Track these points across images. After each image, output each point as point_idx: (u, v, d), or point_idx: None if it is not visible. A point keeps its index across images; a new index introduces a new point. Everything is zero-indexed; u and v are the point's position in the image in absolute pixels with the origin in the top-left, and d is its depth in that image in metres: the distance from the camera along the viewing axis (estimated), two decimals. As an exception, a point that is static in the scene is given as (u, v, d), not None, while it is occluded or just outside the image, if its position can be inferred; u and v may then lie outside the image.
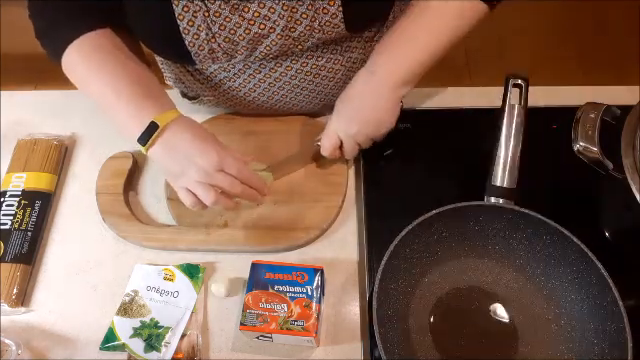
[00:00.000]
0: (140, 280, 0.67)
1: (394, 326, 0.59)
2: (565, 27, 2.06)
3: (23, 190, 0.73)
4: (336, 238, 0.71)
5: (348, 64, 0.72)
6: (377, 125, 0.69)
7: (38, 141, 0.78)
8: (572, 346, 0.60)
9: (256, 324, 0.58)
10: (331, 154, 0.71)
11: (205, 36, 0.62)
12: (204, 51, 0.63)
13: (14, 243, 0.69)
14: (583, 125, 0.64)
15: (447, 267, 0.66)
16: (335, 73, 0.72)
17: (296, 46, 0.65)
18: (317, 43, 0.66)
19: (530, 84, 0.66)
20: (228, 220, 0.71)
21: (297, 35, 0.63)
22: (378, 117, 0.68)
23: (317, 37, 0.64)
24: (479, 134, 0.69)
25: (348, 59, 0.71)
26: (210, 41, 0.62)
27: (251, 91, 0.73)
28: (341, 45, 0.69)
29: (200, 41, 0.62)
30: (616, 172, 0.60)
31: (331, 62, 0.70)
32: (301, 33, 0.63)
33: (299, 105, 0.77)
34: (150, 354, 0.62)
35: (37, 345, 0.64)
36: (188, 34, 0.61)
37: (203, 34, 0.61)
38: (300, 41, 0.64)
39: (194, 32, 0.61)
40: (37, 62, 2.24)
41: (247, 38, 0.63)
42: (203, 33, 0.61)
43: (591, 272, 0.58)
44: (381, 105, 0.67)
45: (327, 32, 0.64)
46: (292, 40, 0.64)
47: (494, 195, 0.63)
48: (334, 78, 0.73)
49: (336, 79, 0.73)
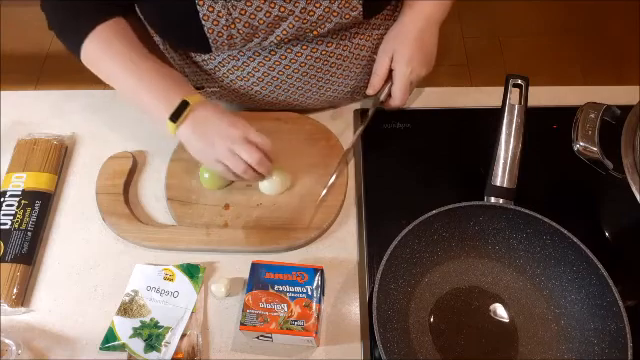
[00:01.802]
0: (140, 280, 0.67)
1: (394, 326, 0.59)
2: (565, 27, 2.06)
3: (23, 190, 0.73)
4: (336, 238, 0.71)
5: (356, 51, 0.73)
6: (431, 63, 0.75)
7: (38, 141, 0.77)
8: (572, 346, 0.60)
9: (256, 324, 0.58)
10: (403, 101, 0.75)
11: (225, 22, 0.62)
12: (222, 37, 0.63)
13: (14, 243, 0.69)
14: (583, 125, 0.64)
15: (447, 267, 0.66)
16: (343, 60, 0.73)
17: (312, 31, 0.65)
18: (333, 29, 0.66)
19: (530, 84, 0.67)
20: (228, 220, 0.71)
21: (315, 19, 0.64)
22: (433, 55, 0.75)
23: (335, 21, 0.65)
24: (479, 134, 0.69)
25: (356, 46, 0.73)
26: (230, 27, 0.62)
27: (259, 80, 0.73)
28: (349, 31, 0.70)
29: (220, 27, 0.62)
30: (616, 172, 0.60)
31: (340, 48, 0.71)
32: (319, 16, 0.64)
33: (305, 96, 0.77)
34: (150, 354, 0.62)
35: (37, 345, 0.64)
36: (208, 20, 0.61)
37: (223, 20, 0.61)
38: (317, 25, 0.65)
39: (214, 18, 0.61)
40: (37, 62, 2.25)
41: (267, 22, 0.63)
42: (223, 19, 0.61)
43: (591, 272, 0.58)
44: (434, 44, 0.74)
45: (345, 15, 0.64)
46: (309, 24, 0.64)
47: (494, 195, 0.63)
48: (342, 66, 0.74)
49: (343, 67, 0.74)
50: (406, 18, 0.73)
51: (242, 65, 0.71)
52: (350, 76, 0.76)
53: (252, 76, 0.72)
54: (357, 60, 0.75)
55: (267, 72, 0.72)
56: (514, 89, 0.66)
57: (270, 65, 0.71)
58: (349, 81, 0.77)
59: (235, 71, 0.72)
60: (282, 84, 0.74)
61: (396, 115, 0.80)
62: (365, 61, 0.76)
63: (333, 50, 0.71)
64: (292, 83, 0.74)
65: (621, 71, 1.86)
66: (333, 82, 0.76)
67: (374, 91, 0.75)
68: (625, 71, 1.85)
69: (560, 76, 1.85)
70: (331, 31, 0.68)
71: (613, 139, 0.61)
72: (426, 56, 0.73)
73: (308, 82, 0.74)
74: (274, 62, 0.70)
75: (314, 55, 0.70)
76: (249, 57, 0.70)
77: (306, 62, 0.71)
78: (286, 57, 0.70)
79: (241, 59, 0.70)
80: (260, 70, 0.71)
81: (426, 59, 0.73)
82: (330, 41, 0.70)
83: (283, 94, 0.76)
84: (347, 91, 0.79)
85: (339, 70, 0.74)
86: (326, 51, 0.70)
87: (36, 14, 0.69)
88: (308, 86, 0.75)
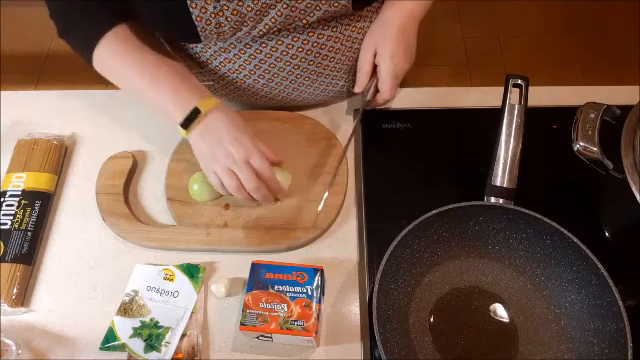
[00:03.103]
0: (140, 280, 0.67)
1: (394, 326, 0.59)
2: (565, 27, 2.06)
3: (23, 190, 0.73)
4: (336, 238, 0.71)
5: (348, 43, 0.74)
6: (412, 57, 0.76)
7: (38, 141, 0.77)
8: (572, 346, 0.60)
9: (256, 324, 0.58)
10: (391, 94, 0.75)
11: (213, 9, 0.62)
12: (211, 25, 0.63)
13: (14, 243, 0.69)
14: (583, 125, 0.64)
15: (447, 267, 0.66)
16: (335, 53, 0.73)
17: (301, 19, 0.65)
18: (322, 17, 0.66)
19: (530, 84, 0.67)
20: (228, 220, 0.71)
21: (303, 7, 0.64)
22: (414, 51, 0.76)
23: (323, 9, 0.65)
24: (479, 134, 0.69)
25: (348, 38, 0.73)
26: (218, 14, 0.62)
27: (251, 73, 0.73)
28: (341, 23, 0.71)
29: (207, 15, 0.62)
30: (616, 172, 0.60)
31: (332, 40, 0.71)
32: (308, 4, 0.64)
33: (299, 90, 0.77)
34: (150, 354, 0.62)
35: (37, 345, 0.65)
36: (196, 8, 0.61)
37: (211, 7, 0.61)
38: (306, 13, 0.65)
39: (202, 5, 0.61)
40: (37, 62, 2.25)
41: (255, 9, 0.63)
42: (211, 6, 0.61)
43: (591, 272, 0.58)
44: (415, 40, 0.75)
45: (333, 3, 0.64)
46: (298, 12, 0.64)
47: (494, 195, 0.63)
48: (334, 58, 0.74)
49: (336, 59, 0.74)
50: (387, 13, 0.74)
51: (234, 57, 0.71)
52: (343, 69, 0.77)
53: (244, 69, 0.73)
54: (349, 53, 0.75)
55: (259, 65, 0.72)
56: (514, 89, 0.66)
57: (262, 58, 0.71)
58: (342, 74, 0.77)
59: (227, 64, 0.72)
60: (274, 77, 0.74)
61: (396, 115, 0.81)
62: (357, 54, 0.76)
63: (325, 42, 0.71)
64: (285, 76, 0.74)
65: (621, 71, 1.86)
66: (326, 75, 0.76)
67: (360, 88, 0.76)
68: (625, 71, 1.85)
69: (560, 76, 1.85)
70: (321, 21, 0.68)
71: (613, 139, 0.61)
72: (408, 51, 0.74)
73: (301, 75, 0.74)
74: (265, 54, 0.70)
75: (306, 47, 0.70)
76: (240, 49, 0.70)
77: (298, 54, 0.71)
78: (277, 49, 0.70)
79: (232, 51, 0.70)
80: (252, 62, 0.72)
81: (408, 53, 0.74)
82: (321, 33, 0.70)
83: (276, 87, 0.76)
84: (341, 85, 0.79)
85: (332, 63, 0.74)
86: (318, 43, 0.71)
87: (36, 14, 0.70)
88: (301, 79, 0.75)
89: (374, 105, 0.79)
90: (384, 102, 0.77)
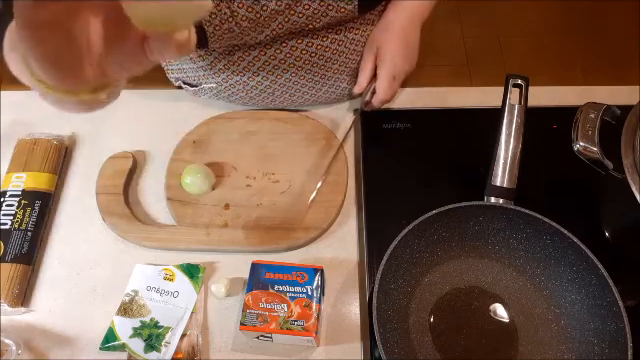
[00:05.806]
0: (140, 280, 0.67)
1: (394, 326, 0.59)
2: (565, 27, 2.06)
3: (23, 190, 0.73)
4: (336, 238, 0.71)
5: (351, 47, 0.74)
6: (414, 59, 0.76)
7: (38, 141, 0.77)
8: (572, 346, 0.60)
9: (256, 324, 0.58)
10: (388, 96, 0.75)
11: (224, 15, 0.61)
12: (220, 30, 0.63)
13: (14, 243, 0.69)
14: (583, 125, 0.64)
15: (447, 267, 0.66)
16: (339, 55, 0.73)
17: (307, 25, 0.66)
18: (329, 22, 0.67)
19: (530, 84, 0.67)
20: (228, 220, 0.71)
21: (310, 13, 0.64)
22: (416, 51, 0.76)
23: (330, 16, 0.65)
24: (479, 134, 0.69)
25: (351, 41, 0.73)
26: (228, 20, 0.62)
27: (254, 75, 0.73)
28: (344, 26, 0.71)
29: (218, 20, 0.62)
30: (616, 172, 0.60)
31: (335, 43, 0.71)
32: (315, 10, 0.64)
33: (301, 91, 0.77)
34: (150, 354, 0.62)
35: (37, 345, 0.65)
36: None
37: (222, 14, 0.61)
38: (313, 19, 0.65)
39: (213, 12, 0.61)
40: (37, 62, 2.23)
41: (264, 16, 0.63)
42: (222, 13, 0.61)
43: (591, 272, 0.58)
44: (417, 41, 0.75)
45: (340, 9, 0.65)
46: (305, 18, 0.64)
47: (494, 195, 0.63)
48: (337, 61, 0.74)
49: (339, 62, 0.74)
50: (390, 14, 0.74)
51: (237, 60, 0.71)
52: (346, 71, 0.77)
53: (248, 71, 0.73)
54: (352, 56, 0.75)
55: (262, 67, 0.72)
56: (514, 89, 0.66)
57: (265, 60, 0.71)
58: (345, 76, 0.77)
59: (231, 66, 0.72)
60: (278, 79, 0.74)
61: (396, 115, 0.80)
62: (360, 57, 0.76)
63: (328, 45, 0.71)
64: (288, 78, 0.74)
65: (621, 71, 1.86)
66: (329, 77, 0.76)
67: (360, 89, 0.76)
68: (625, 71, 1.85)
69: (560, 76, 1.85)
70: (326, 25, 0.68)
71: (613, 139, 0.61)
72: (409, 52, 0.74)
73: (304, 77, 0.74)
74: (269, 57, 0.70)
75: (309, 50, 0.71)
76: (244, 52, 0.70)
77: (301, 57, 0.71)
78: (281, 51, 0.70)
79: (236, 54, 0.70)
80: (255, 65, 0.72)
81: (409, 55, 0.74)
82: (325, 35, 0.70)
83: (279, 89, 0.76)
84: (344, 87, 0.79)
85: (335, 65, 0.74)
86: (321, 46, 0.71)
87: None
88: (304, 81, 0.75)
89: (370, 107, 0.78)
90: (381, 103, 0.76)
